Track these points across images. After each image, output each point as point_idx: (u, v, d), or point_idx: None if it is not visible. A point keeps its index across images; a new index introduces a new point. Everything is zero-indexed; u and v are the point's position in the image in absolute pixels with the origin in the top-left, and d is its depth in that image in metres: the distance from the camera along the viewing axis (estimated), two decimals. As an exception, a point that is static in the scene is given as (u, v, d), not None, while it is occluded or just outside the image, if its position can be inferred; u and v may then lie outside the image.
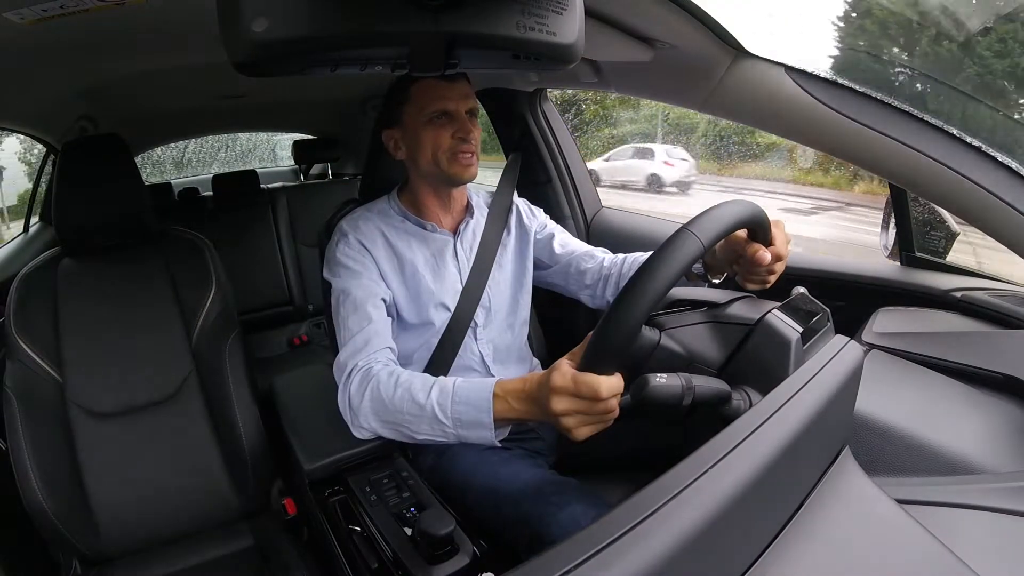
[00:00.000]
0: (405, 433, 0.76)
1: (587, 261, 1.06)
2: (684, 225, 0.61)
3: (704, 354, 0.68)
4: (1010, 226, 0.77)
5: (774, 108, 0.86)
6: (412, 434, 0.75)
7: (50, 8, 0.70)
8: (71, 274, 1.07)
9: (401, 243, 0.96)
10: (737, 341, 0.67)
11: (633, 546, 0.35)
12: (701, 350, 0.68)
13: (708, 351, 0.68)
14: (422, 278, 0.94)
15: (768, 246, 0.74)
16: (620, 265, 1.02)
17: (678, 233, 0.60)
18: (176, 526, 1.03)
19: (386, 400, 0.75)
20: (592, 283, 1.05)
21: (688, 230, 0.60)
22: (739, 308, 0.70)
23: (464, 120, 0.89)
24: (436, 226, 0.98)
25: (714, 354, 0.68)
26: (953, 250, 1.05)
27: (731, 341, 0.67)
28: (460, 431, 0.71)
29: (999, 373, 0.74)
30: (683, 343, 0.69)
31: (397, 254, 0.95)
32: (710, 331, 0.69)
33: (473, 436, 0.71)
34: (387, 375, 0.77)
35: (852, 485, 0.56)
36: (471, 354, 1.00)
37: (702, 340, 0.69)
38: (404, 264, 0.95)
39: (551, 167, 1.54)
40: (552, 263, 1.09)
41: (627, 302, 0.58)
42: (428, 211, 0.99)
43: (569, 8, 0.49)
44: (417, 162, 0.93)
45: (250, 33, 0.39)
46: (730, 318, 0.69)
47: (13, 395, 0.95)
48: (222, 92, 1.67)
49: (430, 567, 0.67)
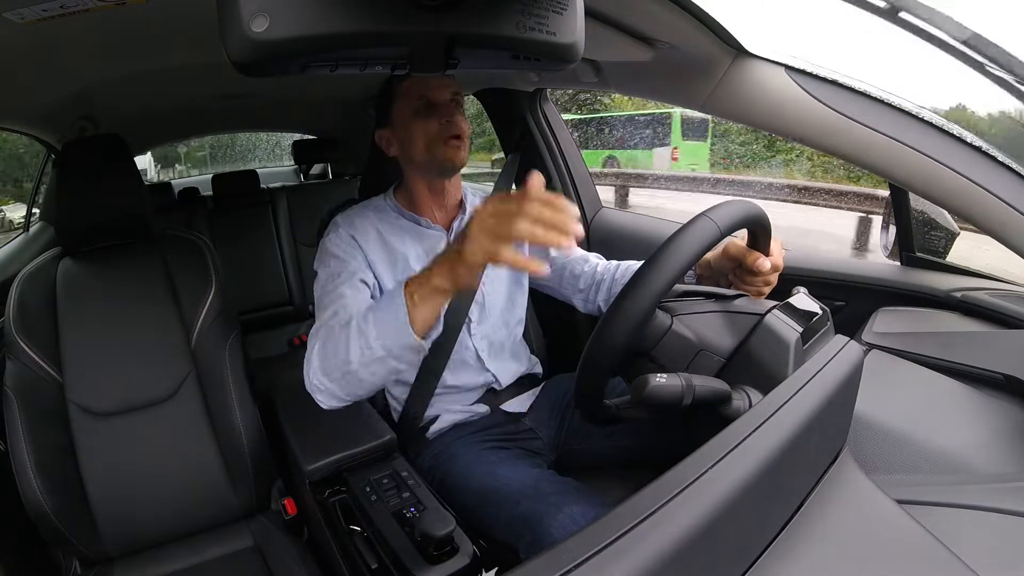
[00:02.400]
0: (345, 372, 0.75)
1: (581, 265, 1.07)
2: (703, 212, 0.64)
3: (714, 342, 0.68)
4: (1010, 226, 0.77)
5: (774, 108, 0.86)
6: (348, 366, 0.74)
7: (50, 8, 0.70)
8: (71, 274, 1.07)
9: (395, 238, 0.97)
10: (747, 331, 0.67)
11: (633, 546, 0.35)
12: (711, 338, 0.68)
13: (718, 339, 0.68)
14: (414, 272, 0.95)
15: (767, 249, 0.75)
16: (613, 271, 1.03)
17: (697, 218, 0.63)
18: (176, 526, 1.03)
19: (329, 345, 0.76)
20: (585, 287, 1.06)
21: (707, 216, 0.63)
22: (746, 301, 0.71)
23: (449, 106, 0.93)
24: (430, 222, 1.00)
25: (724, 342, 0.68)
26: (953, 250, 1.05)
27: (741, 331, 0.67)
28: (380, 328, 0.72)
29: (999, 373, 0.74)
30: (694, 330, 0.69)
31: (390, 249, 0.96)
32: (721, 320, 0.69)
33: (391, 327, 0.71)
34: (337, 324, 0.78)
35: (852, 485, 0.56)
36: (465, 348, 1.01)
37: (713, 328, 0.69)
38: (397, 258, 0.96)
39: (551, 167, 1.54)
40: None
41: (647, 278, 0.61)
42: (423, 207, 1.00)
43: (569, 8, 0.49)
44: (410, 155, 0.95)
45: (250, 33, 0.39)
46: (740, 308, 0.69)
47: (13, 395, 0.95)
48: (222, 92, 1.66)
49: (430, 567, 0.67)
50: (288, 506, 1.01)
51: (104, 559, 0.99)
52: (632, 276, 0.63)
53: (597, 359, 0.64)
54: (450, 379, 1.00)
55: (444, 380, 1.00)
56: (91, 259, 1.10)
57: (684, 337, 0.69)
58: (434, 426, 1.01)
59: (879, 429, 0.65)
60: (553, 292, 1.12)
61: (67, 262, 1.08)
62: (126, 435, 1.02)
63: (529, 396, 1.07)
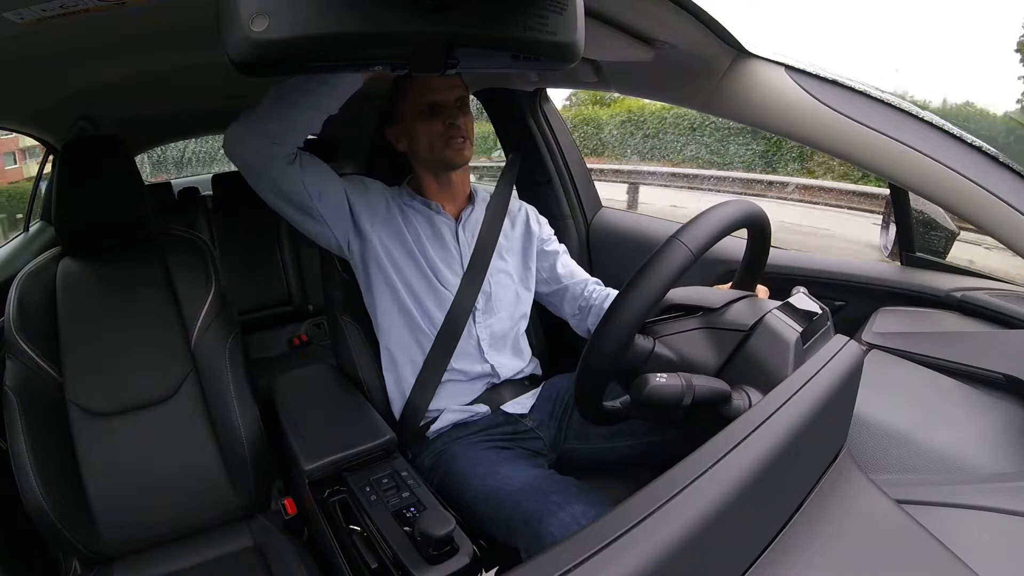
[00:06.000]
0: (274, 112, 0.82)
1: (580, 287, 1.12)
2: (673, 235, 0.63)
3: (698, 360, 0.68)
4: (1010, 226, 0.77)
5: (774, 108, 0.86)
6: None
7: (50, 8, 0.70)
8: (71, 274, 1.07)
9: (406, 214, 1.02)
10: (732, 347, 0.67)
11: (633, 546, 0.35)
12: (695, 357, 0.68)
13: (703, 357, 0.68)
14: (426, 247, 1.01)
15: (768, 247, 0.74)
16: (602, 300, 1.09)
17: (667, 243, 0.62)
18: (176, 526, 1.03)
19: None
20: (579, 310, 1.12)
21: (677, 240, 0.62)
22: (735, 313, 0.70)
23: (453, 108, 0.97)
24: (441, 207, 1.04)
25: (709, 360, 0.68)
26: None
27: (726, 347, 0.67)
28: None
29: (999, 373, 0.73)
30: (677, 350, 0.69)
31: (404, 217, 1.01)
32: (704, 337, 0.69)
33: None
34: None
35: (852, 485, 0.56)
36: (468, 337, 1.02)
37: (696, 346, 0.69)
38: (409, 229, 1.01)
39: (551, 167, 1.54)
40: (551, 280, 1.14)
41: (614, 318, 0.62)
42: (432, 197, 1.05)
43: (569, 8, 0.49)
44: (416, 152, 1.01)
45: (250, 33, 0.39)
46: (725, 324, 0.69)
47: (13, 395, 0.95)
48: (222, 92, 1.66)
49: (430, 567, 0.67)
50: (288, 506, 1.01)
51: (104, 559, 0.99)
52: (607, 311, 0.64)
53: (582, 391, 0.68)
54: (453, 362, 1.02)
55: (449, 363, 1.02)
56: (91, 259, 1.10)
57: (667, 358, 0.69)
58: (434, 425, 1.01)
59: (879, 429, 0.65)
60: (553, 309, 1.18)
61: (67, 262, 1.08)
62: (126, 435, 1.02)
63: (530, 397, 1.07)
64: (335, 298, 1.09)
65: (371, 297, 1.02)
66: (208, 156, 3.98)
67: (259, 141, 0.84)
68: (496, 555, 0.73)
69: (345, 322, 1.07)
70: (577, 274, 1.14)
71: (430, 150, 0.98)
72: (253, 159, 0.86)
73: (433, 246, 1.01)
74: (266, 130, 0.83)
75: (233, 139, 0.85)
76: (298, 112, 0.83)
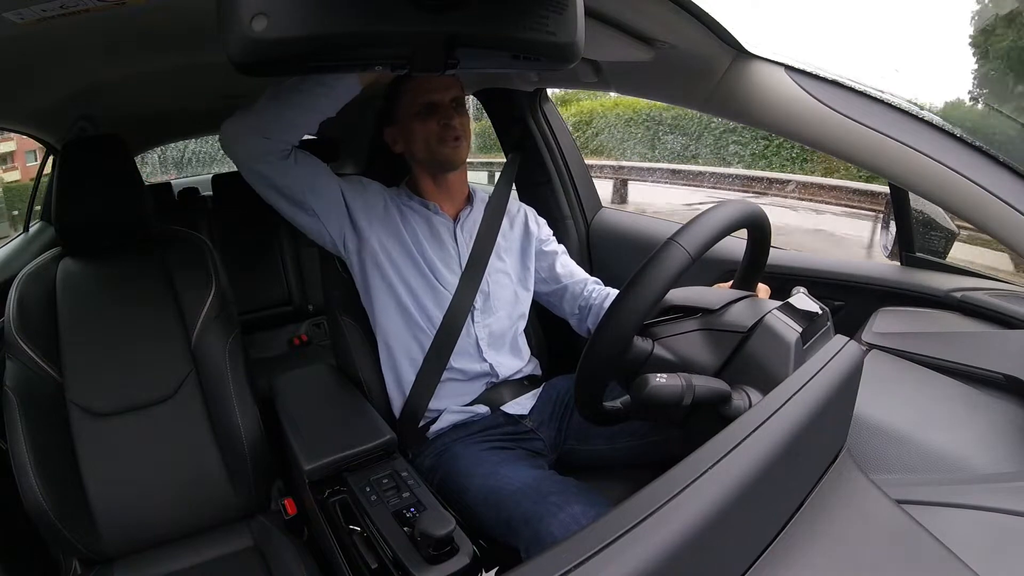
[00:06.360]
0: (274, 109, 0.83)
1: (579, 287, 1.13)
2: (671, 236, 0.63)
3: (697, 362, 0.68)
4: (1010, 226, 0.77)
5: (774, 108, 0.86)
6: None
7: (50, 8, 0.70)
8: (71, 274, 1.07)
9: (404, 214, 1.02)
10: (731, 348, 0.67)
11: (633, 546, 0.35)
12: (694, 358, 0.68)
13: (701, 359, 0.68)
14: (424, 246, 1.01)
15: (768, 247, 0.74)
16: (602, 299, 1.09)
17: (664, 246, 0.62)
18: (176, 526, 1.03)
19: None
20: (579, 310, 1.12)
21: (675, 242, 0.62)
22: (734, 314, 0.70)
23: (448, 108, 0.98)
24: (438, 208, 1.05)
25: (708, 361, 0.68)
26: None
27: (725, 348, 0.67)
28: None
29: (999, 373, 0.73)
30: (676, 352, 0.69)
31: (402, 217, 1.02)
32: (703, 339, 0.69)
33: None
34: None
35: (852, 485, 0.56)
36: (467, 336, 1.02)
37: (695, 348, 0.69)
38: (407, 229, 1.01)
39: (551, 167, 1.54)
40: (551, 280, 1.14)
41: (612, 322, 0.62)
42: (430, 198, 1.05)
43: (569, 8, 0.49)
44: (413, 152, 1.01)
45: (250, 33, 0.39)
46: (724, 325, 0.68)
47: (13, 395, 0.95)
48: (222, 92, 1.66)
49: (430, 567, 0.67)
50: (288, 506, 1.01)
51: (104, 559, 0.99)
52: (604, 314, 0.64)
53: (582, 392, 0.68)
54: (452, 361, 1.02)
55: (448, 362, 1.02)
56: (91, 259, 1.10)
57: (666, 360, 0.69)
58: (434, 426, 1.01)
59: (879, 429, 0.65)
60: (553, 308, 1.18)
61: (67, 262, 1.08)
62: (126, 435, 1.02)
63: (530, 398, 1.07)
64: (335, 298, 1.09)
65: (368, 295, 1.02)
66: (208, 156, 3.99)
67: (253, 138, 0.85)
68: (496, 555, 0.73)
69: (345, 322, 1.07)
70: (576, 274, 1.14)
71: (426, 150, 0.99)
72: (247, 154, 0.87)
73: (431, 246, 1.02)
74: (260, 128, 0.84)
75: (228, 135, 0.86)
76: (293, 113, 0.84)
